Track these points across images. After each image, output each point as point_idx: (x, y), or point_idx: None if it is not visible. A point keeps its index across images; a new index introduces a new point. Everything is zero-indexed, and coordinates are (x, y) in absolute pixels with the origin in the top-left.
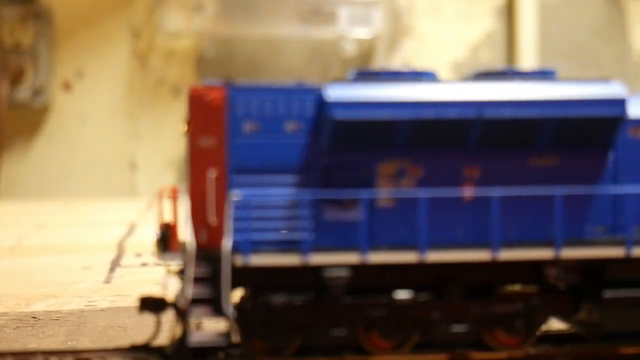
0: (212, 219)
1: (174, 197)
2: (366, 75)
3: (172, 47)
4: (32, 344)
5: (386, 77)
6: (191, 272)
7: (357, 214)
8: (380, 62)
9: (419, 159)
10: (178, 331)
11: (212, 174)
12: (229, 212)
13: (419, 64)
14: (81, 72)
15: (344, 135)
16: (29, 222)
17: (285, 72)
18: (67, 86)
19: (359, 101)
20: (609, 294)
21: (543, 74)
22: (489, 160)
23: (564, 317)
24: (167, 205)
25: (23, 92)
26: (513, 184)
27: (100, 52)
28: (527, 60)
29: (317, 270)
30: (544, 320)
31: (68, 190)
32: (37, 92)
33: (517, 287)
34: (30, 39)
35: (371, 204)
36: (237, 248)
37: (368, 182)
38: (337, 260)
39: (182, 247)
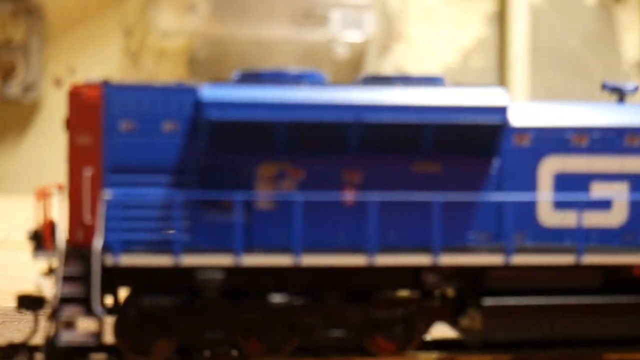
0: (87, 218)
1: (44, 196)
2: (250, 76)
3: (164, 47)
4: (19, 339)
5: (269, 79)
6: (61, 270)
7: (233, 216)
8: (371, 66)
9: (300, 161)
10: (52, 330)
11: (87, 172)
12: (101, 211)
13: (410, 69)
14: (73, 69)
15: (221, 136)
16: (18, 216)
17: None
18: (58, 82)
19: (235, 102)
20: (488, 301)
21: (431, 80)
22: (370, 165)
23: (450, 323)
24: (45, 203)
25: (14, 88)
26: (395, 189)
27: (92, 49)
28: (519, 67)
29: (192, 272)
30: (426, 326)
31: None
32: (28, 87)
33: (404, 293)
34: (22, 34)
35: (249, 206)
36: (108, 247)
37: (247, 184)
38: (210, 262)
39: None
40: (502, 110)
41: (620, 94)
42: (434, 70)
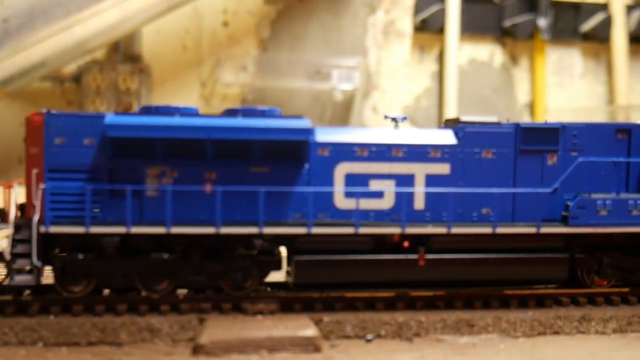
0: (34, 201)
1: (8, 186)
2: (145, 109)
3: (226, 93)
4: None
5: (157, 111)
6: (13, 235)
7: (126, 200)
8: (357, 106)
9: (174, 165)
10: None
11: (34, 171)
12: (40, 197)
13: (382, 108)
14: None
15: (119, 147)
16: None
17: (296, 112)
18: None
19: (125, 125)
20: (297, 258)
21: (267, 112)
22: (222, 168)
23: (279, 271)
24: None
25: None
26: (240, 184)
27: (180, 95)
28: (451, 106)
29: (98, 237)
30: (262, 273)
31: None
32: None
33: (252, 252)
34: (136, 85)
35: (141, 193)
36: (43, 221)
37: (140, 180)
38: (109, 230)
39: (15, 220)
40: (305, 132)
41: (394, 122)
42: (396, 109)
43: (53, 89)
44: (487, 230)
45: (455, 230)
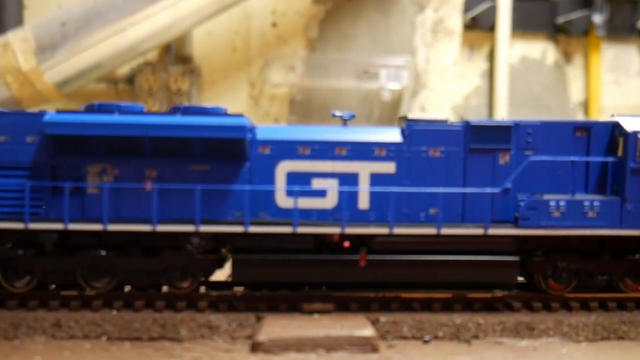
0: None
1: None
2: (88, 107)
3: (274, 93)
4: None
5: (100, 109)
6: None
7: (69, 198)
8: (405, 106)
9: (115, 162)
10: None
11: None
12: None
13: (430, 108)
14: None
15: (60, 145)
16: None
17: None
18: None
19: (64, 122)
20: (235, 256)
21: (211, 109)
22: (163, 165)
23: (221, 270)
24: None
25: None
26: (180, 182)
27: (229, 95)
28: (501, 105)
29: (37, 233)
30: (205, 272)
31: None
32: None
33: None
34: (187, 86)
35: (82, 191)
36: None
37: (82, 177)
38: (47, 227)
39: None
40: (241, 129)
41: (343, 120)
42: (446, 108)
43: (107, 90)
44: (431, 231)
45: (398, 230)
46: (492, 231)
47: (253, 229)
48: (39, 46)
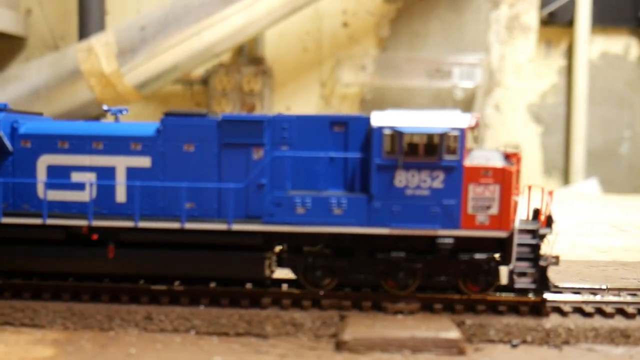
0: None
1: None
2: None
3: (345, 93)
4: None
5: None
6: None
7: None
8: (479, 104)
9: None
10: None
11: None
12: None
13: (506, 106)
14: (289, 108)
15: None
16: None
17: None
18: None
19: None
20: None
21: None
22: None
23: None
24: None
25: None
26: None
27: (300, 95)
28: (580, 103)
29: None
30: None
31: None
32: None
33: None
34: (259, 87)
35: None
36: None
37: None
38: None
39: None
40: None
41: (112, 115)
42: (521, 107)
43: (183, 91)
44: (175, 225)
45: (143, 224)
46: (237, 227)
47: (6, 219)
48: (120, 50)
